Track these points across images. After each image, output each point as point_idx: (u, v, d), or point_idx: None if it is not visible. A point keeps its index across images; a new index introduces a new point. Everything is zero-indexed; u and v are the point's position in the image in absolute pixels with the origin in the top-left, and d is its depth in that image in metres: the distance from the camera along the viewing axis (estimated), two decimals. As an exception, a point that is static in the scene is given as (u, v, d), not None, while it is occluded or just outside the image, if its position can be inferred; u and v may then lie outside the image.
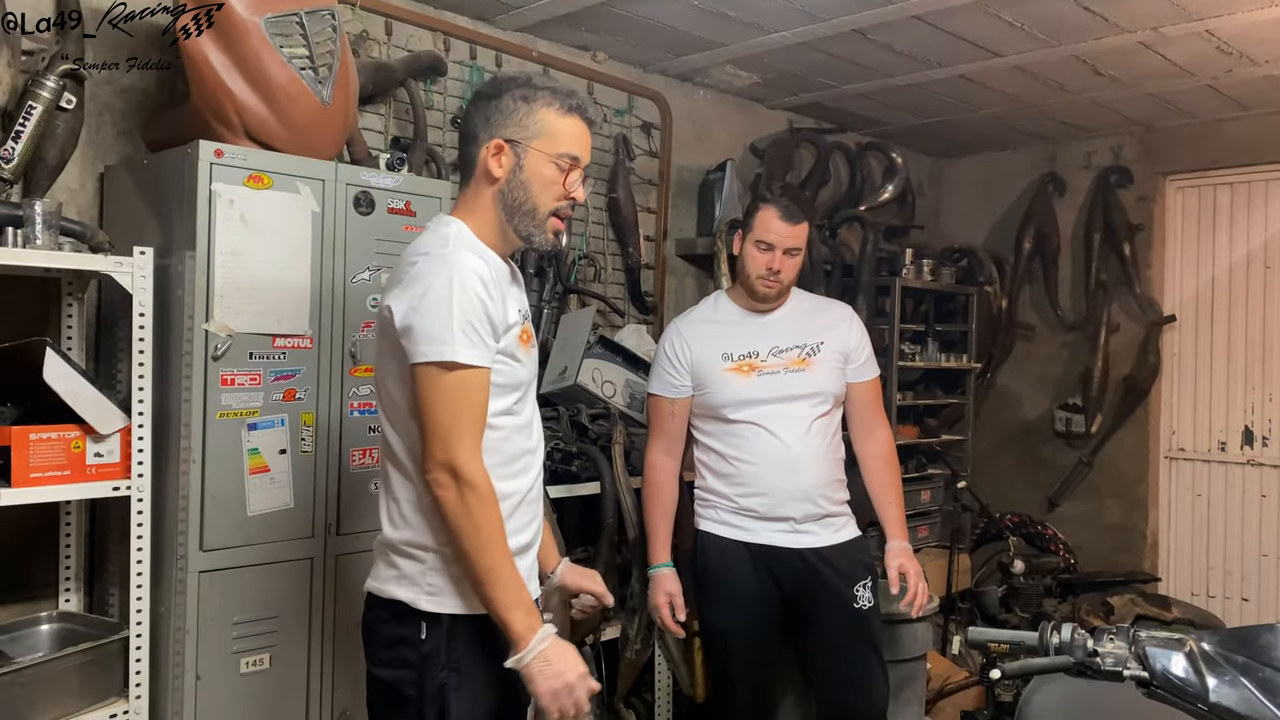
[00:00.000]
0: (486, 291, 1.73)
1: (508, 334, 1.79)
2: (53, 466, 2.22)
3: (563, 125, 1.82)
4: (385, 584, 1.82)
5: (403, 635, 1.78)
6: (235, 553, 2.41)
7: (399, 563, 1.81)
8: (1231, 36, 3.59)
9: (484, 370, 1.73)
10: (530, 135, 1.81)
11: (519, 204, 1.82)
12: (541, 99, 1.82)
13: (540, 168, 1.81)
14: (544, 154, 1.81)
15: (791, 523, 2.63)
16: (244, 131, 2.45)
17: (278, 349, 2.47)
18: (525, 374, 1.86)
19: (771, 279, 2.65)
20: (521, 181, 1.81)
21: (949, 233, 5.61)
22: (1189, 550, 4.94)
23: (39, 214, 2.25)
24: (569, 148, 1.83)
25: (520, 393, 1.85)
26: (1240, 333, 4.79)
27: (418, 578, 1.79)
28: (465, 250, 1.76)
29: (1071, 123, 4.83)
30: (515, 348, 1.81)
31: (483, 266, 1.75)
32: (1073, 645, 1.47)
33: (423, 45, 3.40)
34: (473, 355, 1.70)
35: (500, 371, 1.78)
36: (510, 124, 1.81)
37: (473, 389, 1.72)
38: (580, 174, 1.86)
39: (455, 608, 1.77)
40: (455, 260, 1.73)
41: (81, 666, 2.29)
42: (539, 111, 1.81)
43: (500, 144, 1.80)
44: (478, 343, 1.71)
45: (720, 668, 2.78)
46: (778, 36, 3.66)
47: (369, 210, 2.62)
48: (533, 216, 1.82)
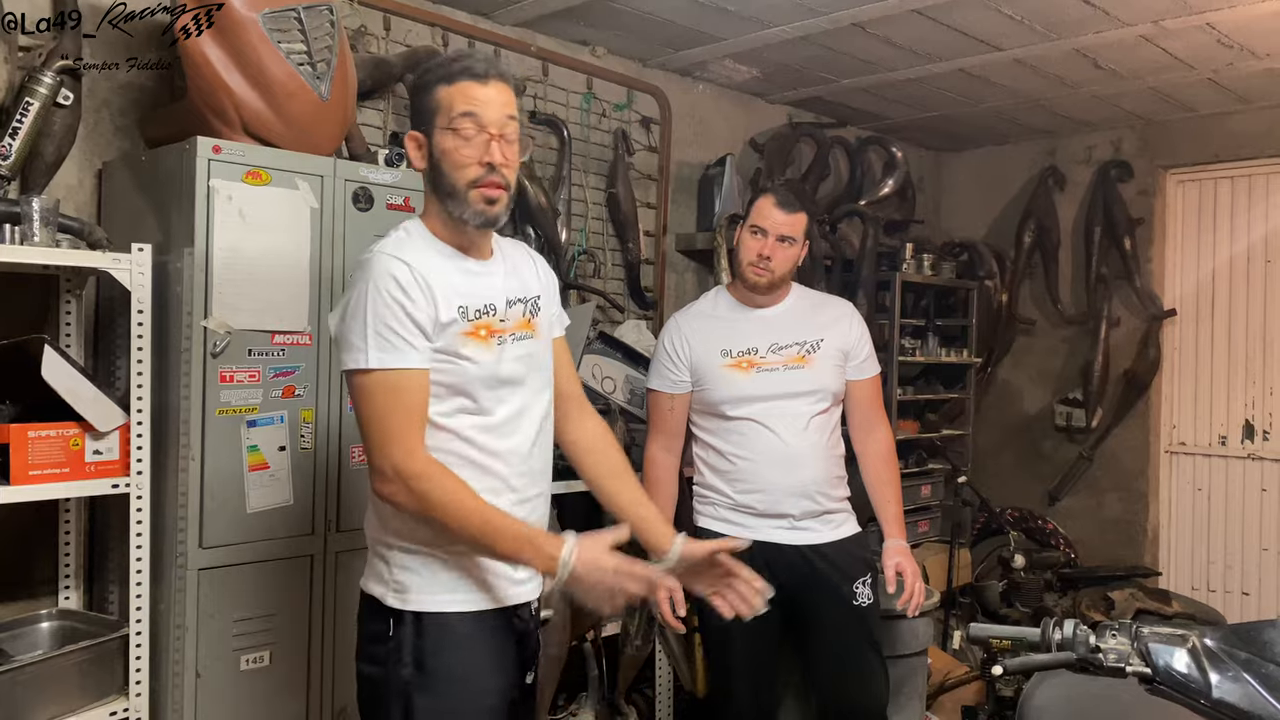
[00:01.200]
0: (404, 293, 1.68)
1: (443, 333, 1.72)
2: (52, 464, 2.22)
3: (451, 94, 1.74)
4: (366, 580, 1.84)
5: (376, 631, 1.79)
6: (235, 550, 2.41)
7: (373, 559, 1.83)
8: (1232, 29, 3.58)
9: (408, 371, 1.69)
10: (429, 116, 1.76)
11: (443, 186, 1.77)
12: (431, 77, 1.77)
13: (444, 143, 1.75)
14: (443, 129, 1.75)
15: (790, 519, 2.63)
16: (242, 127, 2.44)
17: (277, 345, 2.46)
18: (479, 371, 1.76)
19: (762, 266, 2.63)
20: (435, 164, 1.77)
21: (949, 227, 5.60)
22: (1189, 545, 4.94)
23: (36, 211, 2.25)
24: (461, 108, 1.73)
25: (479, 392, 1.77)
26: (1241, 327, 4.79)
27: (385, 574, 1.79)
28: (389, 253, 1.72)
29: (1072, 116, 4.82)
30: (459, 345, 1.74)
31: (401, 269, 1.70)
32: (1075, 641, 1.46)
33: (421, 40, 3.39)
34: (388, 359, 1.67)
35: (443, 371, 1.73)
36: (419, 116, 1.79)
37: (398, 392, 1.69)
38: (485, 135, 1.73)
39: (419, 605, 1.76)
40: (373, 265, 1.71)
41: (81, 664, 2.29)
42: (431, 90, 1.76)
43: (414, 135, 1.79)
44: (398, 344, 1.68)
45: (720, 664, 2.78)
46: (777, 30, 3.65)
47: (368, 206, 2.62)
48: (454, 195, 1.76)
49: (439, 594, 1.76)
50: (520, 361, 1.83)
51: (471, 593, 1.78)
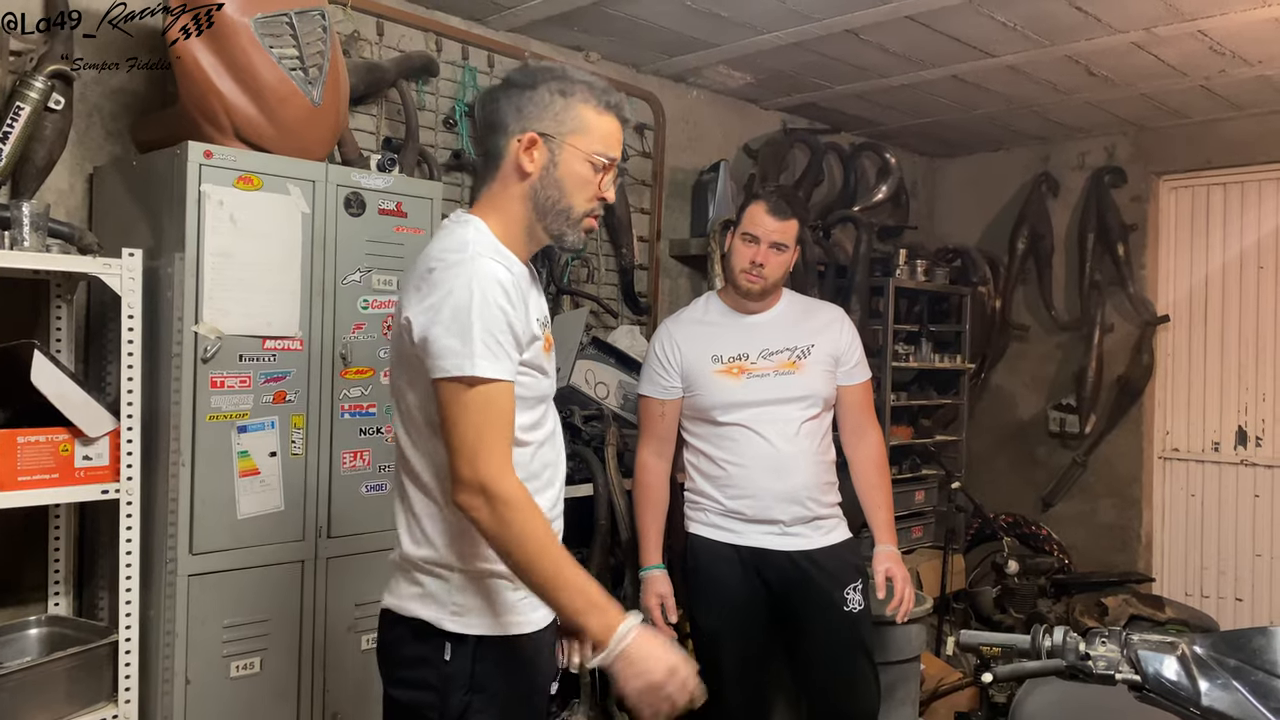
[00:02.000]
0: (509, 301, 1.62)
1: (532, 346, 1.69)
2: (41, 470, 2.21)
3: (600, 123, 1.72)
4: (406, 602, 1.72)
5: (424, 655, 1.69)
6: (225, 556, 2.40)
7: (422, 580, 1.71)
8: (1224, 37, 3.59)
9: (507, 384, 1.61)
10: (566, 130, 1.70)
11: (553, 203, 1.72)
12: (579, 93, 1.71)
13: (575, 165, 1.71)
14: (580, 151, 1.71)
15: (780, 525, 2.62)
16: (233, 132, 2.43)
17: (268, 351, 2.46)
18: (548, 385, 1.77)
19: (754, 273, 2.64)
20: (555, 179, 1.71)
21: (943, 233, 5.61)
22: (1183, 550, 4.95)
23: (27, 215, 2.24)
24: (605, 147, 1.73)
25: (545, 405, 1.77)
26: (1234, 333, 4.80)
27: (442, 596, 1.69)
28: (486, 256, 1.64)
29: (1065, 123, 4.84)
30: (540, 359, 1.72)
31: (505, 274, 1.63)
32: (1065, 648, 1.46)
33: (414, 45, 3.39)
34: (495, 369, 1.59)
35: (525, 385, 1.68)
36: (545, 117, 1.70)
37: (497, 404, 1.60)
38: (614, 175, 1.77)
39: (482, 628, 1.68)
40: (476, 267, 1.61)
41: (70, 671, 2.27)
42: (576, 106, 1.71)
43: (534, 137, 1.69)
44: (501, 356, 1.60)
45: (711, 670, 2.76)
46: (770, 37, 3.66)
47: (360, 211, 2.61)
48: (567, 216, 1.73)
49: (503, 615, 1.70)
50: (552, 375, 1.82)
51: (533, 612, 1.73)
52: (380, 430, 2.65)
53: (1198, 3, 3.29)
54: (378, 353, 2.64)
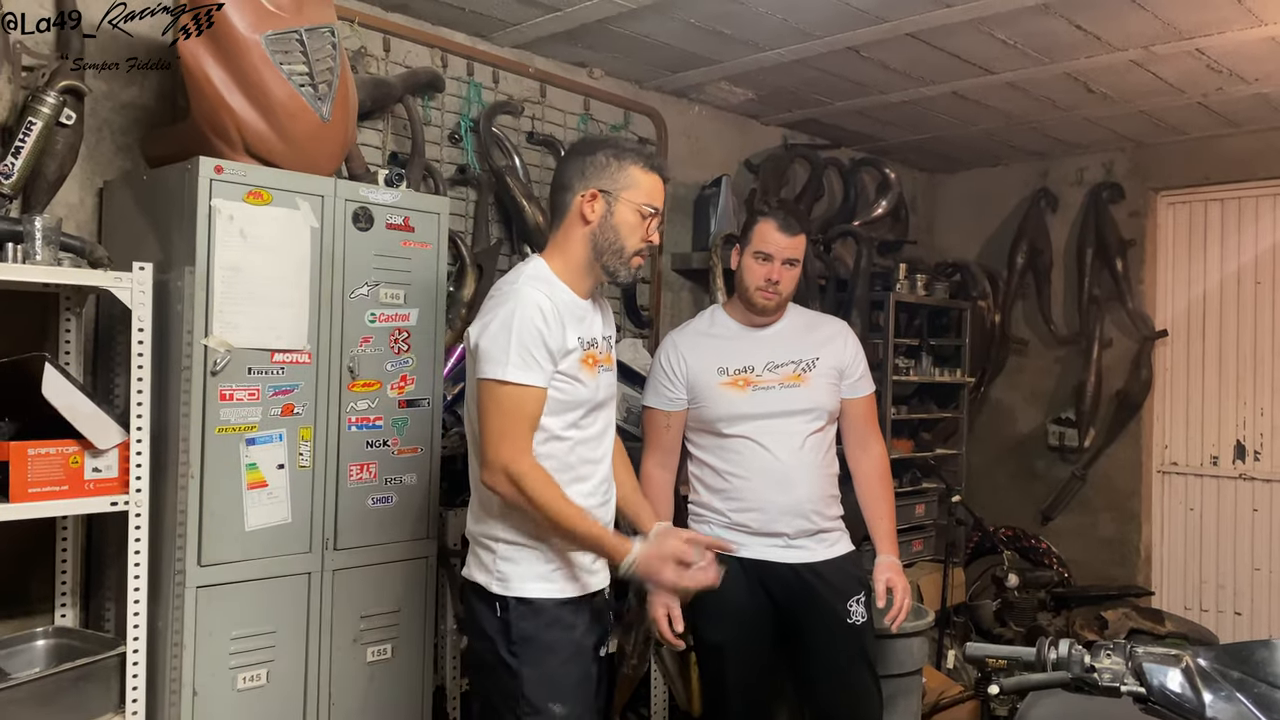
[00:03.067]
0: (545, 321, 2.02)
1: (566, 358, 2.06)
2: (51, 481, 2.22)
3: (646, 180, 2.14)
4: (471, 570, 2.16)
5: (482, 612, 2.12)
6: (233, 568, 2.41)
7: (478, 551, 2.15)
8: (1221, 55, 3.63)
9: (536, 389, 2.02)
10: (621, 187, 2.12)
11: (609, 244, 2.12)
12: (629, 157, 2.13)
13: (628, 215, 2.12)
14: (631, 203, 2.12)
15: (784, 538, 2.64)
16: (244, 148, 2.46)
17: (276, 364, 2.47)
18: (587, 393, 2.12)
19: (770, 290, 2.67)
20: (612, 226, 2.12)
21: (942, 248, 5.64)
22: (1182, 564, 4.96)
23: (38, 229, 2.26)
24: (650, 199, 2.15)
25: (584, 409, 2.13)
26: (1232, 347, 4.82)
27: (490, 565, 2.11)
28: (532, 286, 2.06)
29: (1064, 139, 4.87)
30: (576, 370, 2.08)
31: (545, 300, 2.04)
32: (1070, 661, 1.48)
33: (421, 62, 3.41)
34: (523, 375, 1.99)
35: (561, 390, 2.07)
36: (604, 177, 2.12)
37: (523, 403, 2.01)
38: (659, 221, 2.17)
39: (520, 591, 2.07)
40: (520, 294, 2.04)
41: (78, 682, 2.28)
42: (628, 167, 2.13)
43: (595, 193, 2.11)
44: (531, 365, 2.00)
45: (714, 683, 2.78)
46: (772, 54, 3.69)
47: (368, 226, 2.64)
48: (620, 255, 2.13)
49: (536, 582, 2.09)
50: (609, 388, 2.23)
51: (562, 581, 2.11)
52: (387, 443, 2.67)
53: (1195, 22, 3.32)
54: (384, 366, 2.66)
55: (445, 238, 2.83)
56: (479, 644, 2.15)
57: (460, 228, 3.45)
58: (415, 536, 2.74)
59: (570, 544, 2.09)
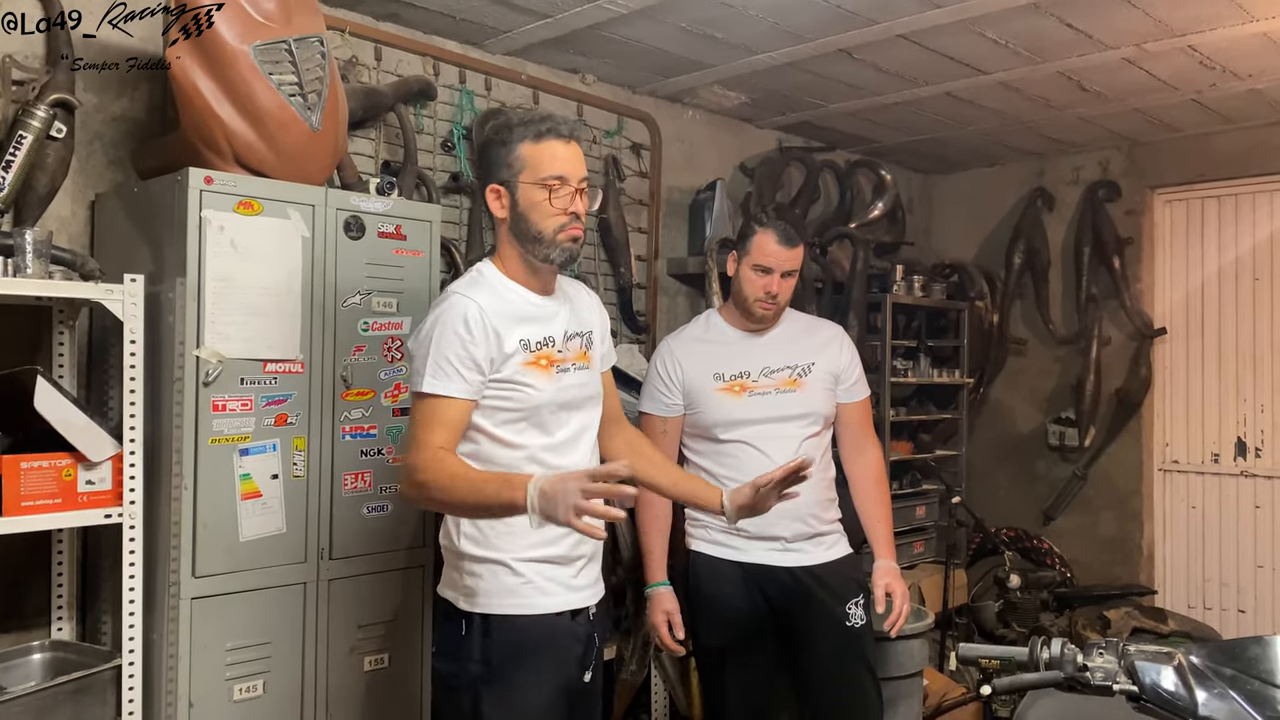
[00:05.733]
0: (468, 329, 1.91)
1: (506, 363, 1.95)
2: (44, 495, 2.23)
3: (538, 152, 1.98)
4: (441, 585, 2.07)
5: (448, 631, 2.02)
6: (227, 579, 2.41)
7: (446, 567, 2.06)
8: (1214, 52, 3.62)
9: (453, 400, 1.90)
10: (515, 171, 1.98)
11: (526, 233, 1.99)
12: (516, 135, 1.98)
13: (530, 196, 1.97)
14: (530, 184, 1.97)
15: (782, 541, 2.63)
16: (234, 158, 2.46)
17: (269, 374, 2.47)
18: (542, 397, 1.98)
19: (769, 302, 2.67)
20: (521, 214, 1.98)
21: (939, 249, 5.63)
22: (1184, 562, 4.95)
23: (29, 243, 2.26)
24: (549, 169, 1.97)
25: (542, 415, 1.99)
26: (1231, 344, 4.81)
27: (456, 581, 2.01)
28: (466, 292, 1.96)
29: (1059, 138, 4.87)
30: (520, 374, 1.96)
31: (473, 306, 1.93)
32: (1062, 660, 1.47)
33: (412, 70, 3.42)
34: (439, 386, 1.90)
35: (504, 398, 1.96)
36: (498, 168, 1.99)
37: (437, 414, 1.90)
38: (570, 189, 1.98)
39: (485, 608, 1.96)
40: (448, 302, 1.95)
41: (74, 695, 2.28)
42: (515, 148, 1.98)
43: (495, 188, 2.00)
44: (450, 375, 1.90)
45: (714, 687, 2.77)
46: (765, 57, 3.69)
47: (359, 235, 2.64)
48: (540, 240, 1.99)
49: (504, 598, 1.97)
50: (577, 388, 2.06)
51: (533, 597, 1.98)
52: (381, 451, 2.66)
53: (1187, 19, 3.32)
54: (378, 374, 2.66)
55: (438, 246, 2.83)
56: (442, 665, 2.02)
57: (454, 235, 3.45)
58: (411, 545, 2.73)
59: (480, 511, 1.89)
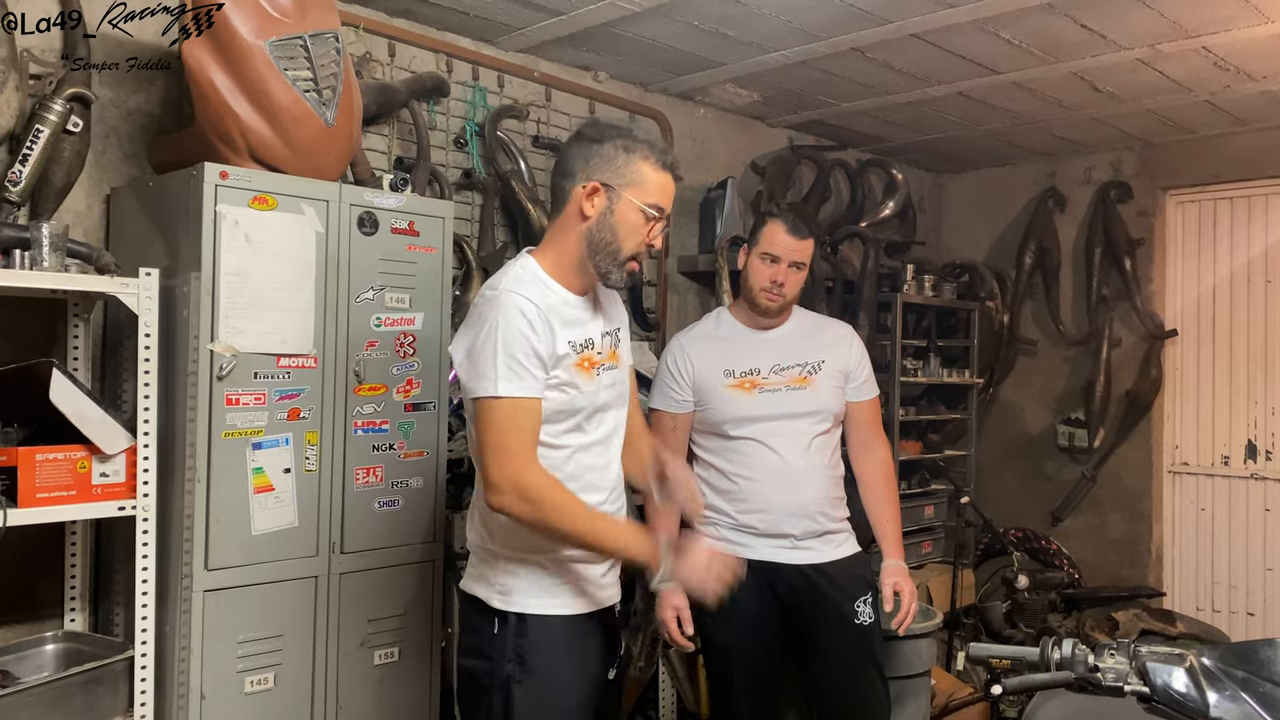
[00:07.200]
0: (531, 328, 1.86)
1: (559, 364, 1.91)
2: (59, 487, 2.24)
3: (655, 178, 1.95)
4: (469, 581, 2.03)
5: (478, 627, 1.98)
6: (240, 572, 2.42)
7: (477, 564, 2.02)
8: (1228, 53, 3.61)
9: (529, 400, 1.86)
10: (625, 183, 1.93)
11: (604, 244, 1.94)
12: (640, 150, 1.94)
13: (629, 214, 1.93)
14: (635, 202, 1.93)
15: (791, 539, 2.64)
16: (249, 153, 2.47)
17: (282, 368, 2.48)
18: (584, 399, 1.96)
19: (775, 291, 2.67)
20: (610, 224, 1.93)
21: (950, 248, 5.62)
22: (1194, 565, 4.93)
23: (46, 236, 2.28)
24: (658, 199, 1.96)
25: (582, 416, 1.97)
26: (1242, 346, 4.80)
27: (490, 577, 1.98)
28: (515, 290, 1.89)
29: (1071, 138, 4.86)
30: (573, 376, 1.93)
31: (529, 306, 1.87)
32: (1073, 660, 1.47)
33: (425, 66, 3.43)
34: (514, 387, 1.84)
35: (554, 400, 1.91)
36: (608, 169, 1.93)
37: (519, 417, 1.86)
38: (662, 225, 1.99)
39: (521, 607, 1.94)
40: (503, 301, 1.87)
41: (86, 686, 2.29)
42: (637, 162, 1.93)
43: (596, 186, 1.92)
44: (524, 375, 1.85)
45: (722, 684, 2.78)
46: (777, 55, 3.69)
47: (373, 230, 2.64)
48: (614, 257, 1.95)
49: (540, 597, 1.95)
50: (611, 388, 2.04)
51: (568, 597, 1.98)
52: (393, 446, 2.67)
53: (1201, 20, 3.31)
54: (390, 369, 2.67)
55: (450, 242, 2.84)
56: (472, 663, 1.98)
57: (466, 231, 3.46)
58: (422, 540, 2.75)
59: (593, 549, 1.94)
